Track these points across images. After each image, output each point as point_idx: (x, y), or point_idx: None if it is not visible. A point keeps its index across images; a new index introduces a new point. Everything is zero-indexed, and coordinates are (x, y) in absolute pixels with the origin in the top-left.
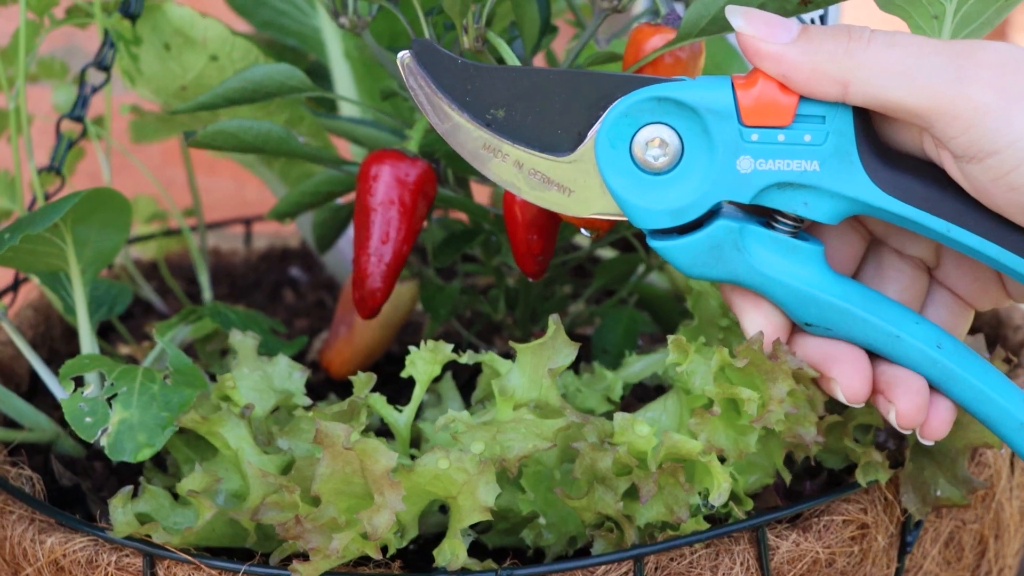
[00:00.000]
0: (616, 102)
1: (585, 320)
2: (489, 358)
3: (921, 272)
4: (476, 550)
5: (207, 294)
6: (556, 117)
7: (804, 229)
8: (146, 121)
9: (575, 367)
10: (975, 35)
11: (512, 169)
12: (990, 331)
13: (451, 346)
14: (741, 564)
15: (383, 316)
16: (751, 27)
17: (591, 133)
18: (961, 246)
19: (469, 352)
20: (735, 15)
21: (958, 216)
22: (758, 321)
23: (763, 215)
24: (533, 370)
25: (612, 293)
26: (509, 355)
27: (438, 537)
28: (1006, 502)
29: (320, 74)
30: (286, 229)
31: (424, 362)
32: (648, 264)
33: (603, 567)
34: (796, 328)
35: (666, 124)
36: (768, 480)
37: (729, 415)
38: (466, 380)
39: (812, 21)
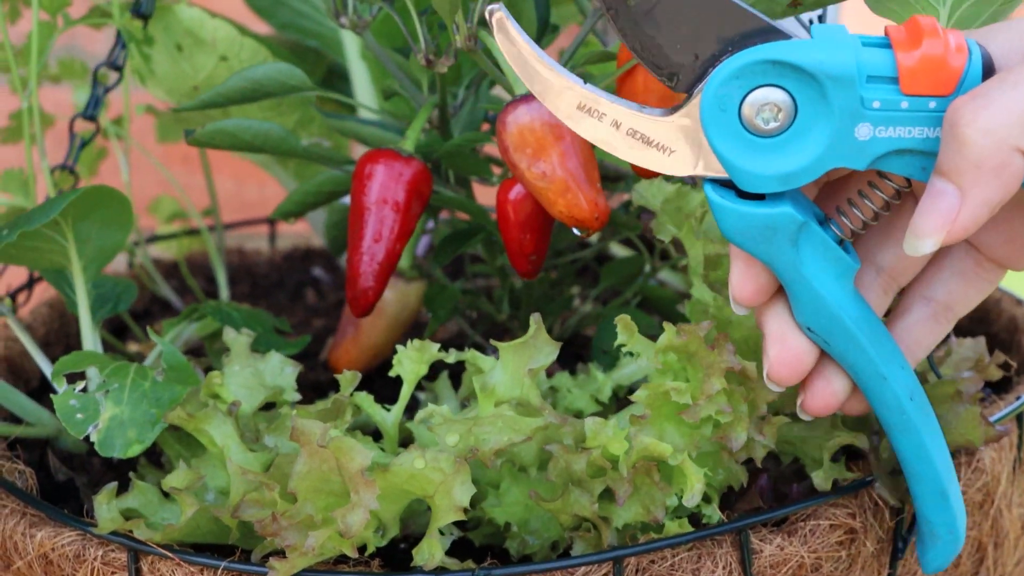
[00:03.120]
0: (724, 61)
1: (592, 320)
2: (471, 356)
3: None
4: (463, 547)
5: (224, 293)
6: (683, 32)
7: (855, 236)
8: (170, 120)
9: (573, 367)
10: None
11: (609, 128)
12: (1006, 336)
13: (437, 345)
14: (724, 568)
15: (390, 316)
16: (936, 226)
17: (697, 91)
18: None
19: (453, 351)
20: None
21: None
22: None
23: (824, 207)
24: (515, 368)
25: (621, 294)
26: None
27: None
28: (1005, 509)
29: (340, 75)
30: (311, 229)
31: (411, 361)
32: (653, 265)
33: (583, 568)
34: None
35: (780, 87)
36: (735, 480)
37: (670, 410)
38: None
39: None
